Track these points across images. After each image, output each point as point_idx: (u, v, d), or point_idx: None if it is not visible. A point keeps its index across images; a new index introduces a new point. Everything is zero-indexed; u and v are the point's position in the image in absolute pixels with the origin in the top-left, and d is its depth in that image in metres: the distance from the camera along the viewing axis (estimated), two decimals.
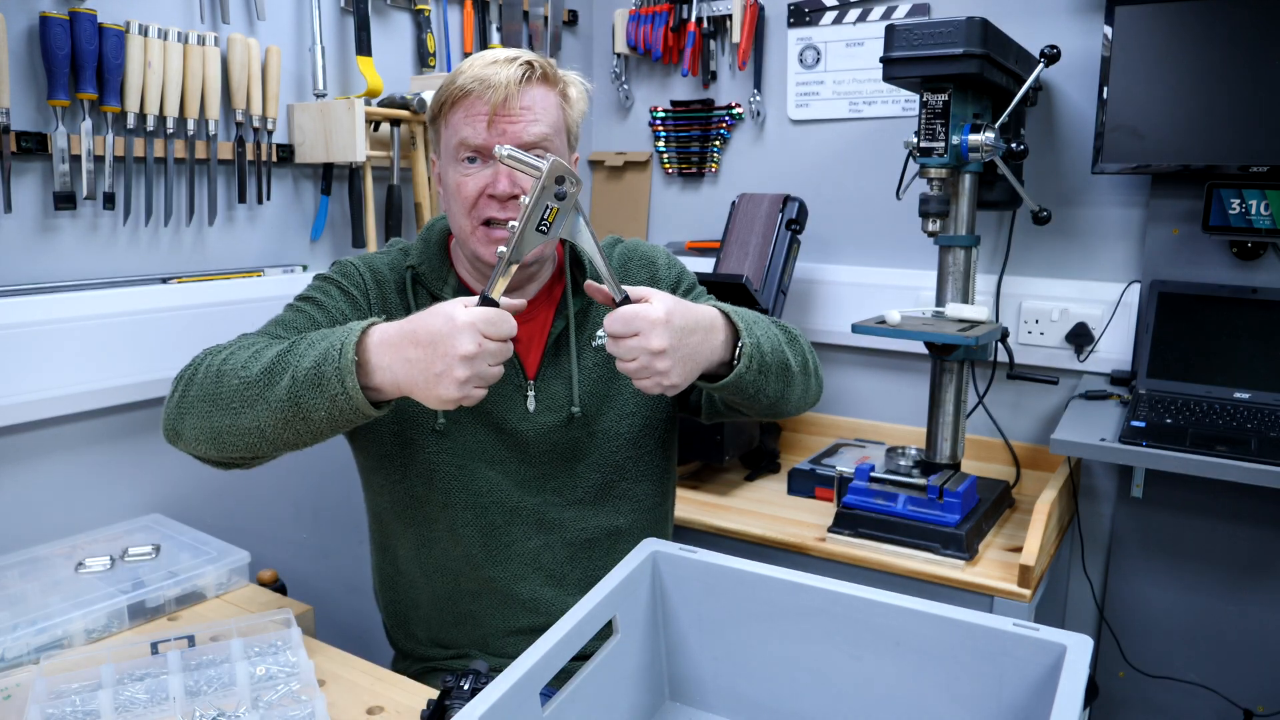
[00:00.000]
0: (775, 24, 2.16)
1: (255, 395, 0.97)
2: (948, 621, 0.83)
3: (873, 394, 2.15)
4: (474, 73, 1.13)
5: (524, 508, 1.23)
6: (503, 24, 2.13)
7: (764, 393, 1.13)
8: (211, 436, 1.01)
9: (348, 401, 0.94)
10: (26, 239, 1.38)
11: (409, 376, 0.92)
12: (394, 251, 1.27)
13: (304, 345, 0.98)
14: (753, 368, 1.09)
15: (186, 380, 1.04)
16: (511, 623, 1.24)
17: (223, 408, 0.99)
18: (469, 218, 1.15)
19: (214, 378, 1.00)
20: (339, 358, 0.93)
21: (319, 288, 1.21)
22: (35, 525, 1.41)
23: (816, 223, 2.09)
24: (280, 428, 0.98)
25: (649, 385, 1.00)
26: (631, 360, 0.99)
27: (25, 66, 1.35)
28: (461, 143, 1.13)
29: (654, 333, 0.97)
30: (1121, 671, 1.87)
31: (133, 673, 1.03)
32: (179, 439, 1.06)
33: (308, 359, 0.95)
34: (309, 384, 0.94)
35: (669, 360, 0.99)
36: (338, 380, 0.93)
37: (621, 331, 0.98)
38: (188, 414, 1.02)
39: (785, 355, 1.16)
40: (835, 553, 1.58)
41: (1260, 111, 1.58)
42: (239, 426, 0.99)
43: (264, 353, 1.00)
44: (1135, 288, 1.81)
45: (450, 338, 0.90)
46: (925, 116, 1.51)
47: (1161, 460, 1.46)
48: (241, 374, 0.98)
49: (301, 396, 0.95)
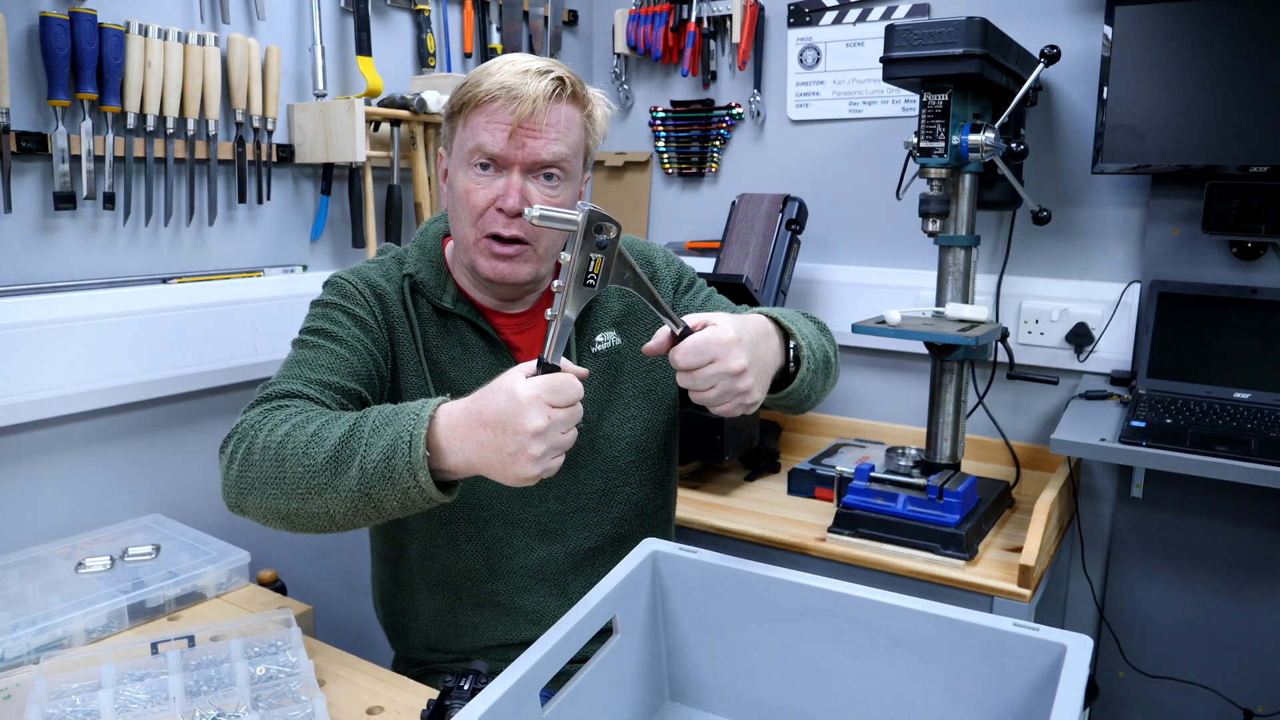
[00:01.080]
0: (775, 24, 2.16)
1: (323, 484, 0.93)
2: (948, 621, 0.83)
3: (873, 394, 2.15)
4: (503, 79, 1.09)
5: (525, 519, 1.22)
6: (503, 24, 2.13)
7: (814, 390, 1.13)
8: (280, 517, 0.98)
9: (420, 494, 0.90)
10: (26, 239, 1.38)
11: (483, 459, 0.87)
12: (387, 261, 1.23)
13: (368, 430, 0.92)
14: (809, 368, 1.08)
15: (242, 459, 0.98)
16: (514, 634, 1.23)
17: (288, 493, 0.95)
18: (474, 227, 1.13)
19: (274, 461, 0.95)
20: (409, 450, 0.88)
21: (326, 316, 1.14)
22: (35, 525, 1.41)
23: (816, 223, 2.09)
24: (351, 515, 0.94)
25: (730, 408, 0.96)
26: (710, 388, 0.94)
27: (25, 66, 1.35)
28: (478, 148, 1.10)
29: (731, 354, 0.93)
30: (1121, 671, 1.87)
31: (133, 673, 1.03)
32: (244, 514, 1.01)
33: (375, 449, 0.90)
34: (379, 477, 0.90)
35: (750, 378, 0.95)
36: (409, 474, 0.88)
37: (695, 363, 0.93)
38: (250, 494, 0.98)
39: (827, 348, 1.17)
40: (835, 553, 1.58)
41: (1260, 111, 1.58)
42: (307, 511, 0.95)
43: (324, 434, 0.94)
44: (1135, 288, 1.81)
45: (517, 416, 0.84)
46: (925, 116, 1.51)
47: (1161, 460, 1.46)
48: (305, 461, 0.93)
49: (372, 488, 0.90)
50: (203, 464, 1.64)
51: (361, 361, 1.12)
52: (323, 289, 1.19)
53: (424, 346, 1.18)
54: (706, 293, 1.33)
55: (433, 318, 1.19)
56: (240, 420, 1.02)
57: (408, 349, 1.17)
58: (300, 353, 1.11)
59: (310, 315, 1.16)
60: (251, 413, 1.02)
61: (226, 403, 1.66)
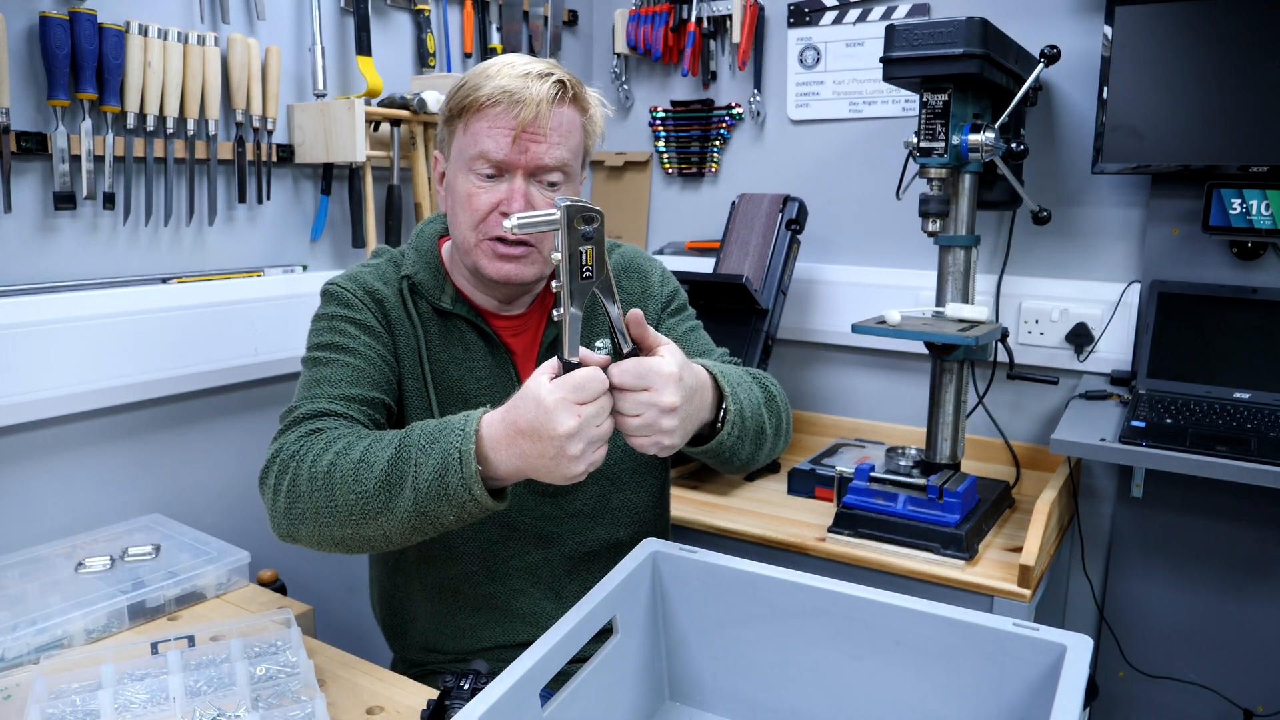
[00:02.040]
0: (775, 24, 2.16)
1: (377, 509, 0.94)
2: (948, 621, 0.83)
3: (873, 394, 2.15)
4: (503, 82, 1.08)
5: (522, 522, 1.22)
6: (503, 24, 2.13)
7: (737, 456, 1.10)
8: (335, 543, 0.99)
9: (476, 507, 0.91)
10: (26, 239, 1.38)
11: (530, 467, 0.89)
12: (382, 264, 1.22)
13: (415, 450, 0.93)
14: (734, 434, 1.06)
15: (289, 490, 0.98)
16: (510, 637, 1.23)
17: (342, 520, 0.95)
18: (475, 231, 1.12)
19: (323, 490, 0.96)
20: (461, 467, 0.89)
21: (333, 329, 1.14)
22: (35, 525, 1.41)
23: (816, 223, 2.09)
24: (408, 533, 0.95)
25: (646, 444, 0.93)
26: (636, 416, 0.91)
27: (25, 66, 1.35)
28: (482, 155, 1.10)
29: (667, 389, 0.90)
30: (1121, 671, 1.87)
31: (133, 673, 1.03)
32: (296, 542, 1.02)
33: (426, 469, 0.91)
34: (434, 496, 0.91)
35: (676, 419, 0.92)
36: (464, 489, 0.90)
37: (632, 385, 0.90)
38: (302, 524, 0.98)
39: (763, 419, 1.13)
40: (835, 553, 1.58)
41: (1260, 111, 1.58)
42: (363, 535, 0.96)
43: (370, 459, 0.95)
44: (1135, 288, 1.81)
45: (548, 423, 0.85)
46: (925, 116, 1.51)
47: (1161, 460, 1.46)
48: (356, 489, 0.94)
49: (428, 508, 0.92)
50: (202, 464, 1.64)
51: (378, 369, 1.12)
52: (322, 300, 1.18)
53: (425, 346, 1.18)
54: (691, 324, 1.32)
55: (433, 318, 1.19)
56: (276, 449, 1.03)
57: (408, 349, 1.17)
58: (316, 371, 1.11)
59: (315, 330, 1.16)
60: (286, 439, 1.03)
61: (226, 403, 1.66)
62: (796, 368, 2.23)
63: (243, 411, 1.69)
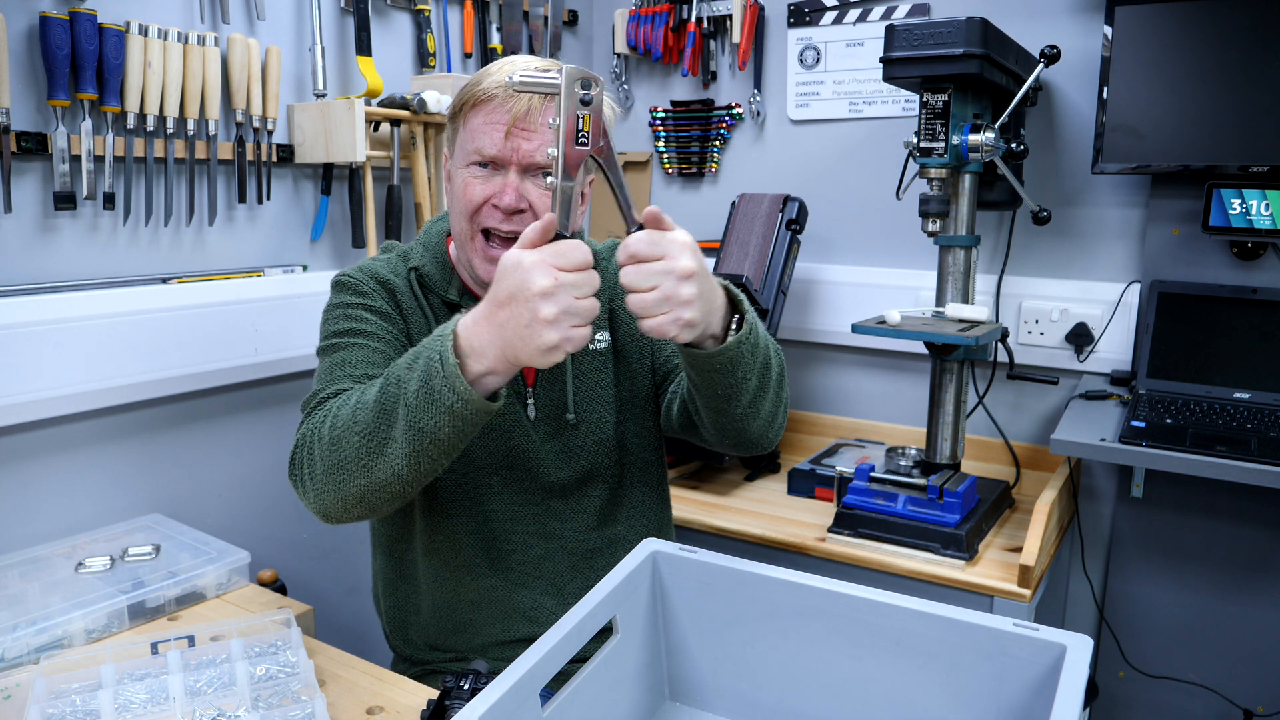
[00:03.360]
0: (775, 24, 2.16)
1: (380, 442, 0.94)
2: (948, 621, 0.83)
3: (873, 394, 2.15)
4: (501, 78, 1.10)
5: (525, 516, 1.23)
6: (503, 24, 2.13)
7: (748, 382, 1.05)
8: (357, 500, 0.98)
9: (465, 407, 0.90)
10: (26, 239, 1.38)
11: (506, 341, 0.87)
12: (392, 257, 1.24)
13: (400, 371, 0.94)
14: (749, 341, 1.02)
15: (308, 465, 1.00)
16: (511, 632, 1.24)
17: (353, 469, 0.96)
18: (469, 222, 1.14)
19: (332, 446, 0.97)
20: (442, 367, 0.89)
21: (349, 316, 1.14)
22: (35, 525, 1.41)
23: (816, 223, 2.09)
24: (415, 460, 0.94)
25: (666, 321, 0.89)
26: (652, 288, 0.88)
27: (25, 66, 1.35)
28: (477, 150, 1.12)
29: (683, 256, 0.89)
30: (1121, 671, 1.87)
31: (133, 673, 1.03)
32: (328, 517, 1.02)
33: (411, 384, 0.92)
34: (423, 405, 0.91)
35: (694, 287, 0.89)
36: (449, 389, 0.89)
37: (646, 254, 0.88)
38: (325, 493, 0.99)
39: (769, 353, 1.10)
40: (835, 553, 1.58)
41: (1260, 111, 1.58)
42: (376, 481, 0.96)
43: (363, 398, 0.96)
44: (1135, 288, 1.81)
45: (524, 282, 0.84)
46: (925, 116, 1.51)
47: (1161, 460, 1.46)
48: (356, 429, 0.95)
49: (421, 420, 0.91)
50: (202, 464, 1.64)
51: (396, 351, 1.13)
52: (334, 291, 1.19)
53: None
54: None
55: (443, 309, 1.21)
56: (299, 435, 1.03)
57: (421, 337, 1.18)
58: (336, 356, 1.11)
59: (330, 319, 1.16)
60: (309, 424, 1.03)
61: (226, 403, 1.66)
62: (796, 368, 2.23)
63: (243, 411, 1.69)
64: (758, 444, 1.15)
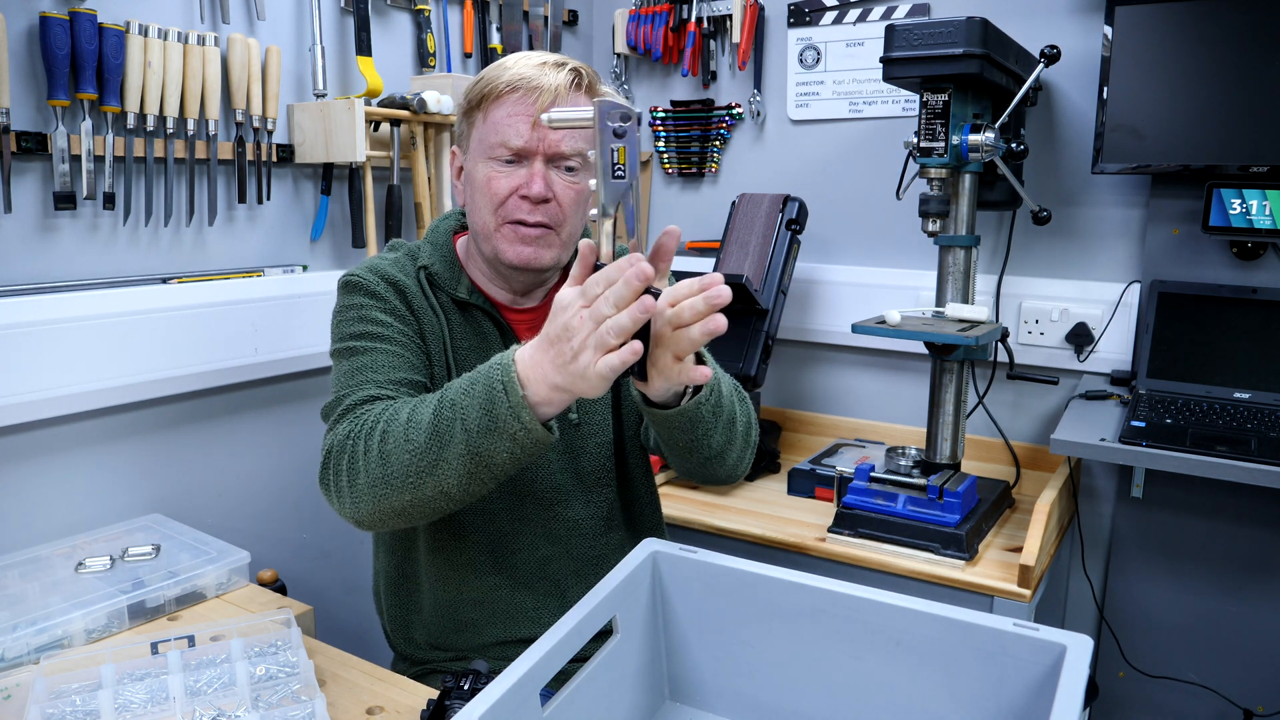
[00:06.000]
0: (775, 24, 2.16)
1: (431, 462, 0.94)
2: (948, 621, 0.83)
3: (873, 394, 2.15)
4: (521, 71, 1.11)
5: (531, 517, 1.23)
6: (503, 24, 2.13)
7: (710, 438, 1.07)
8: (397, 514, 0.99)
9: (527, 435, 0.91)
10: (26, 239, 1.38)
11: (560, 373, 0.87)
12: (399, 255, 1.23)
13: (457, 395, 0.94)
14: (711, 400, 1.03)
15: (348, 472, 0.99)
16: (512, 632, 1.24)
17: (399, 486, 0.96)
18: (495, 215, 1.14)
19: (378, 460, 0.97)
20: (507, 396, 0.90)
21: (363, 318, 1.14)
22: (35, 525, 1.41)
23: (816, 223, 2.09)
24: (465, 482, 0.95)
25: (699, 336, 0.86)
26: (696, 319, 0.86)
27: (25, 66, 1.35)
28: (502, 143, 1.11)
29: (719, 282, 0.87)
30: (1121, 671, 1.87)
31: (133, 673, 1.03)
32: (361, 525, 1.02)
33: (473, 409, 0.92)
34: (484, 432, 0.91)
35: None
36: (513, 418, 0.90)
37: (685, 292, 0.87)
38: (363, 503, 0.99)
39: (734, 408, 1.12)
40: (835, 553, 1.58)
41: (1260, 111, 1.58)
42: (422, 498, 0.96)
43: (417, 416, 0.96)
44: (1135, 288, 1.81)
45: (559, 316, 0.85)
46: (925, 116, 1.51)
47: (1161, 460, 1.46)
48: (408, 447, 0.95)
49: (480, 446, 0.92)
50: (203, 464, 1.64)
51: (414, 354, 1.13)
52: (344, 292, 1.18)
53: (449, 334, 1.19)
54: None
55: (453, 308, 1.21)
56: (330, 442, 1.03)
57: (434, 337, 1.19)
58: (355, 360, 1.10)
59: (344, 322, 1.15)
60: (339, 430, 1.03)
61: (226, 403, 1.66)
62: (796, 368, 2.23)
63: (243, 411, 1.69)
64: (724, 483, 1.20)
